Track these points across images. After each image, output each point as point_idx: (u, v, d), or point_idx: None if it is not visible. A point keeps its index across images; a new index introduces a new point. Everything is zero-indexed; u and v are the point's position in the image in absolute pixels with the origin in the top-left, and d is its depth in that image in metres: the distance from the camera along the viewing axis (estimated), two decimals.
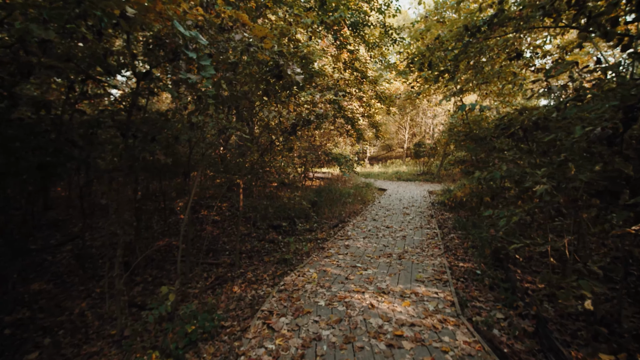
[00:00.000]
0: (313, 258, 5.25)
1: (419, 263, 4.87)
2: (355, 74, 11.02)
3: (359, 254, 5.37)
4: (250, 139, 6.82)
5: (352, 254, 5.36)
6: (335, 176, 18.54)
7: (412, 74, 7.25)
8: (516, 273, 4.62)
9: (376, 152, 36.09)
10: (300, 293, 3.90)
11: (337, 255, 5.36)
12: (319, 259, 5.20)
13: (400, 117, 30.75)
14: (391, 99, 14.20)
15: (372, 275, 4.37)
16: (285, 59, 3.47)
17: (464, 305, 3.70)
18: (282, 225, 8.84)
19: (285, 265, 5.53)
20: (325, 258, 5.21)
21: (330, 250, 5.66)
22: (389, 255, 5.23)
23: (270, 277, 5.12)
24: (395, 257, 5.18)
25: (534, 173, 2.82)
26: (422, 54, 6.27)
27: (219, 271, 5.77)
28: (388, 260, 4.98)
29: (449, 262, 5.16)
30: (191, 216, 6.94)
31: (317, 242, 7.07)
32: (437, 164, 22.73)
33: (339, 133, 14.78)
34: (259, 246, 7.17)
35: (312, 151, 13.90)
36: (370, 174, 23.06)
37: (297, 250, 6.27)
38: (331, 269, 4.66)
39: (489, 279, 4.51)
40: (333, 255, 5.38)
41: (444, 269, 4.63)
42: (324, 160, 15.54)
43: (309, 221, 9.30)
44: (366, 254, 5.34)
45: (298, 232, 8.23)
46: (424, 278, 4.26)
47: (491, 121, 7.43)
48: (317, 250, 5.71)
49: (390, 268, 4.68)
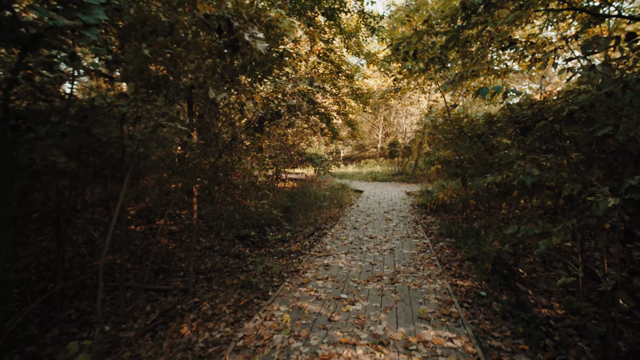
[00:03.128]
0: (285, 287, 4.20)
1: (417, 288, 4.00)
2: (330, 67, 10.15)
3: (342, 277, 4.43)
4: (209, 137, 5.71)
5: (333, 278, 4.40)
6: (309, 177, 17.61)
7: (395, 64, 6.45)
8: (527, 294, 3.91)
9: (350, 152, 35.61)
10: (266, 353, 2.81)
11: (315, 280, 4.37)
12: (292, 287, 4.16)
13: (373, 117, 30.43)
14: (367, 96, 13.51)
15: (363, 312, 3.42)
16: (242, 20, 2.49)
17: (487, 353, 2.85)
18: (250, 235, 7.76)
19: (251, 291, 4.50)
20: (300, 286, 4.20)
21: (307, 273, 4.66)
22: (379, 279, 4.35)
23: (231, 309, 4.07)
24: (386, 280, 4.30)
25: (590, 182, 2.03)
26: (409, 40, 5.48)
27: (167, 301, 4.62)
28: (379, 287, 4.06)
29: (451, 283, 4.36)
30: (126, 230, 5.66)
31: (290, 257, 6.07)
32: (411, 164, 22.46)
33: (312, 132, 13.87)
34: (222, 263, 6.06)
35: (284, 151, 12.88)
36: (345, 175, 22.36)
37: (266, 270, 5.25)
38: (308, 304, 3.64)
39: (498, 304, 3.76)
40: (310, 280, 4.39)
41: (449, 297, 3.78)
42: (297, 161, 14.57)
43: (282, 229, 8.29)
44: (351, 278, 4.41)
45: (269, 243, 7.19)
46: (428, 313, 3.37)
47: (479, 117, 6.81)
48: (291, 275, 4.64)
49: (384, 299, 3.73)
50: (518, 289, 3.93)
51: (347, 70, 10.48)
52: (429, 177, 18.99)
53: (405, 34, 5.73)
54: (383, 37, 5.79)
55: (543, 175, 2.54)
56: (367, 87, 18.04)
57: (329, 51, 9.59)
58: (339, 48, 10.46)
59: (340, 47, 10.50)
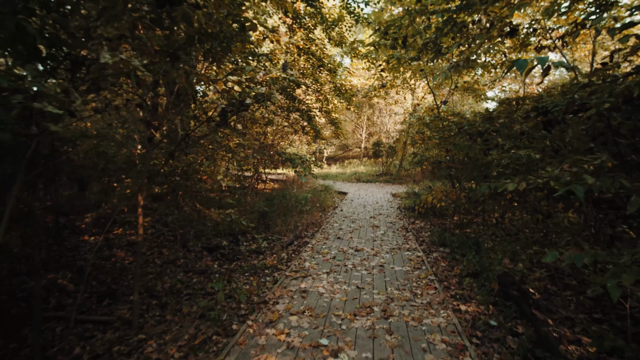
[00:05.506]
0: (247, 329, 3.19)
1: (417, 326, 3.16)
2: (312, 60, 9.33)
3: (322, 310, 3.50)
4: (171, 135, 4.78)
5: (311, 312, 3.44)
6: (290, 178, 16.76)
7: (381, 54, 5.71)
8: (547, 324, 3.23)
9: (333, 152, 34.98)
10: None
11: (288, 316, 3.39)
12: (257, 328, 3.16)
13: (357, 116, 29.89)
14: (351, 92, 12.79)
15: None
16: None
17: None
18: (221, 245, 6.85)
19: (211, 324, 3.63)
20: (268, 326, 3.20)
21: (279, 304, 3.68)
22: (369, 311, 3.45)
23: (182, 351, 3.19)
24: (378, 312, 3.42)
25: None
26: (399, 23, 4.75)
27: (105, 338, 3.68)
28: (369, 324, 3.18)
29: (453, 308, 3.63)
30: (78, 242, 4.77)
31: (264, 274, 5.23)
32: (396, 164, 21.97)
33: (293, 130, 13.02)
34: (184, 282, 5.14)
35: (262, 150, 11.96)
36: (328, 175, 21.62)
37: (232, 293, 4.38)
38: (276, 358, 2.70)
39: (514, 339, 3.06)
40: (282, 316, 3.38)
41: (461, 341, 2.92)
42: (277, 161, 13.67)
43: (258, 236, 7.41)
44: (334, 310, 3.47)
45: (241, 256, 6.31)
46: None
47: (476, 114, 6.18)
48: (258, 309, 3.65)
49: (377, 344, 2.83)
50: (535, 318, 3.25)
51: (329, 64, 9.71)
52: (414, 178, 18.52)
53: (394, 17, 4.99)
54: (370, 20, 5.07)
55: (595, 183, 1.84)
56: (350, 85, 17.36)
57: (310, 41, 8.77)
58: (321, 40, 9.66)
59: (322, 39, 9.70)
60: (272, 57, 8.53)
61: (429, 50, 4.79)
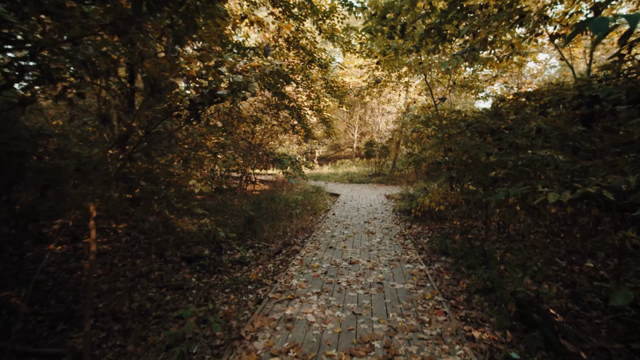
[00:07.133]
0: None
1: None
2: (302, 54, 8.74)
3: (310, 348, 2.78)
4: None
5: (297, 350, 2.74)
6: (281, 179, 16.14)
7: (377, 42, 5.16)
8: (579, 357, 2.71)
9: (325, 152, 34.44)
10: None
11: (267, 357, 2.68)
12: None
13: (349, 116, 29.43)
14: (343, 90, 12.25)
15: None
16: None
17: None
18: (203, 254, 6.21)
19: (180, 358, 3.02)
20: None
21: (257, 340, 2.93)
22: (369, 349, 2.75)
23: None
24: (380, 351, 2.72)
25: None
26: (399, 6, 4.20)
27: None
28: None
29: (465, 334, 3.08)
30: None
31: (247, 290, 4.63)
32: (389, 164, 21.53)
33: (283, 129, 12.41)
34: (155, 300, 4.51)
35: (250, 151, 11.33)
36: (320, 176, 21.06)
37: (207, 315, 3.77)
38: None
39: None
40: (261, 358, 2.68)
41: None
42: (266, 161, 13.04)
43: (243, 244, 6.80)
44: (325, 348, 2.77)
45: (223, 267, 5.69)
46: None
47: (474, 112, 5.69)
48: (230, 350, 2.90)
49: None
50: (565, 350, 2.73)
51: (320, 59, 9.13)
52: (408, 179, 18.08)
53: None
54: (365, 6, 4.55)
55: None
56: (343, 82, 16.83)
57: (300, 32, 8.18)
58: (311, 32, 9.07)
59: (312, 32, 9.12)
60: (259, 50, 7.92)
61: (432, 37, 4.26)
